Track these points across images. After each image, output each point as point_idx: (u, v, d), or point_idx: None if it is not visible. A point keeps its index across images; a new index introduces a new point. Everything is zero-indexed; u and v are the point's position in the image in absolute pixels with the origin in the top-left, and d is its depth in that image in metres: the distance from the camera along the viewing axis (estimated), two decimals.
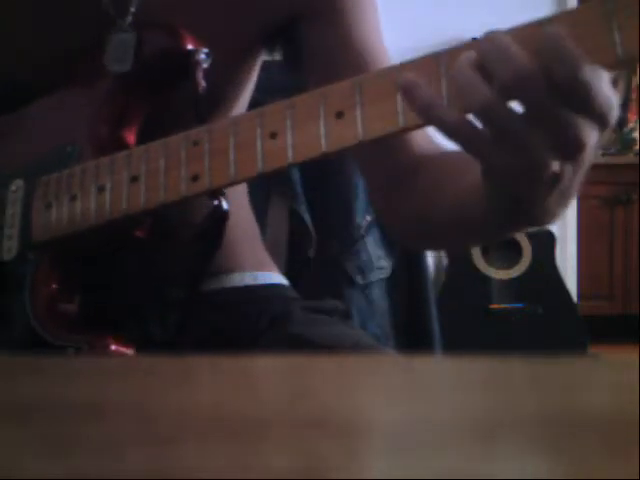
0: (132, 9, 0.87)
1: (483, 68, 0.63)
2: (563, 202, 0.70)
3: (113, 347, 0.80)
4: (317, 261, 1.15)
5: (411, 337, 1.28)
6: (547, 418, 0.31)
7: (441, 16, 3.88)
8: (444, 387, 0.38)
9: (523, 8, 3.83)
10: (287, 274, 1.05)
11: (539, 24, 0.63)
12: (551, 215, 0.72)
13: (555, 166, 0.65)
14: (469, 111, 0.64)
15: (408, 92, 0.65)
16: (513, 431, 0.30)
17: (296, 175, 1.15)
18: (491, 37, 0.63)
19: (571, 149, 0.64)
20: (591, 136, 0.64)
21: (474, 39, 0.67)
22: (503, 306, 3.54)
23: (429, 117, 0.65)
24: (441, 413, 0.32)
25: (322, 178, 1.19)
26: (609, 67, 0.62)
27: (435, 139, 0.91)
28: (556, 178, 0.66)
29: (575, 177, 0.67)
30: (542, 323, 3.52)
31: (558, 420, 0.31)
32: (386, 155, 0.89)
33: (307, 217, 1.14)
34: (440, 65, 0.67)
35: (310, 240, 1.14)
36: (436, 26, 3.77)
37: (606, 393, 0.36)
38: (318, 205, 1.17)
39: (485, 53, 0.63)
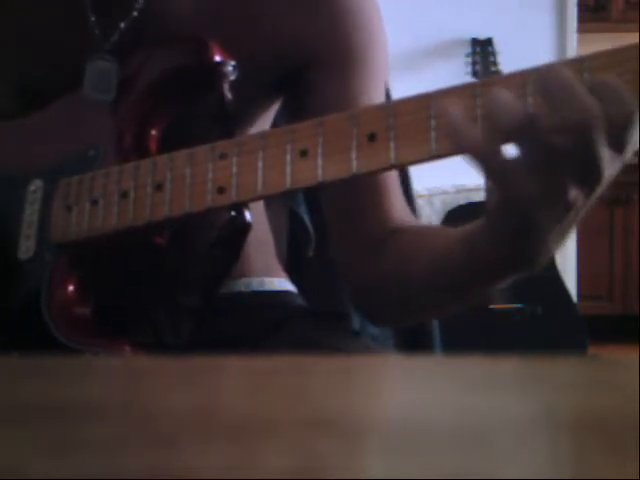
0: (117, 34, 0.87)
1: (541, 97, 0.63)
2: (562, 237, 0.70)
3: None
4: (316, 261, 1.15)
5: (411, 337, 1.27)
6: (547, 418, 0.31)
7: (441, 16, 3.88)
8: (444, 387, 0.38)
9: (523, 8, 3.83)
10: (286, 274, 1.05)
11: (581, 61, 0.64)
12: (547, 251, 0.72)
13: (572, 194, 0.65)
14: (513, 124, 0.63)
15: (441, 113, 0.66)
16: (513, 431, 0.30)
17: None
18: (553, 68, 0.64)
19: (594, 181, 0.65)
20: (611, 171, 0.65)
21: (474, 39, 0.67)
22: (503, 306, 3.54)
23: (459, 140, 0.65)
24: (441, 413, 0.32)
25: None
26: None
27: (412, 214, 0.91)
28: (569, 207, 0.66)
29: (582, 209, 0.67)
30: (542, 323, 3.52)
31: (558, 420, 0.31)
32: (362, 222, 0.89)
33: (306, 217, 1.14)
34: (476, 96, 0.66)
35: (309, 240, 1.13)
36: (436, 26, 3.77)
37: (606, 393, 0.36)
38: (317, 205, 1.16)
39: (547, 84, 0.63)
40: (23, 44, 0.92)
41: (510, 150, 0.65)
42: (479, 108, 0.66)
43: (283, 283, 1.00)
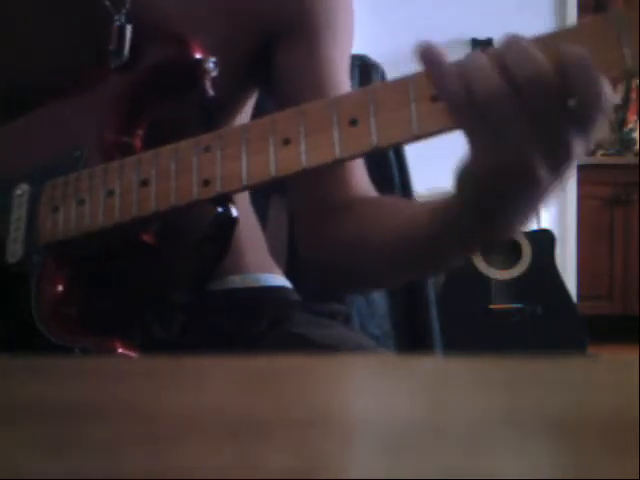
0: (127, 4, 0.87)
1: (500, 63, 0.64)
2: (526, 215, 0.71)
3: (120, 350, 0.80)
4: None
5: (411, 337, 1.27)
6: (547, 418, 0.31)
7: (441, 16, 3.88)
8: (444, 387, 0.38)
9: (522, 8, 3.83)
10: (287, 274, 1.05)
11: (554, 37, 0.65)
12: (512, 228, 0.73)
13: (539, 171, 0.66)
14: (476, 97, 0.65)
15: (427, 57, 0.66)
16: (513, 431, 0.30)
17: None
18: (513, 36, 0.65)
19: (561, 160, 0.66)
20: (578, 152, 0.65)
21: (474, 39, 0.68)
22: (503, 306, 3.54)
23: (442, 88, 0.66)
24: (441, 413, 0.32)
25: None
26: (615, 79, 0.64)
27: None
28: (537, 183, 0.67)
29: (548, 189, 0.68)
30: (542, 323, 3.52)
31: (558, 420, 0.31)
32: (321, 188, 0.89)
33: None
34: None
35: None
36: (436, 26, 3.78)
37: (606, 393, 0.36)
38: None
39: (506, 49, 0.65)
40: (21, 44, 0.92)
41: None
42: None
43: (278, 279, 1.00)
